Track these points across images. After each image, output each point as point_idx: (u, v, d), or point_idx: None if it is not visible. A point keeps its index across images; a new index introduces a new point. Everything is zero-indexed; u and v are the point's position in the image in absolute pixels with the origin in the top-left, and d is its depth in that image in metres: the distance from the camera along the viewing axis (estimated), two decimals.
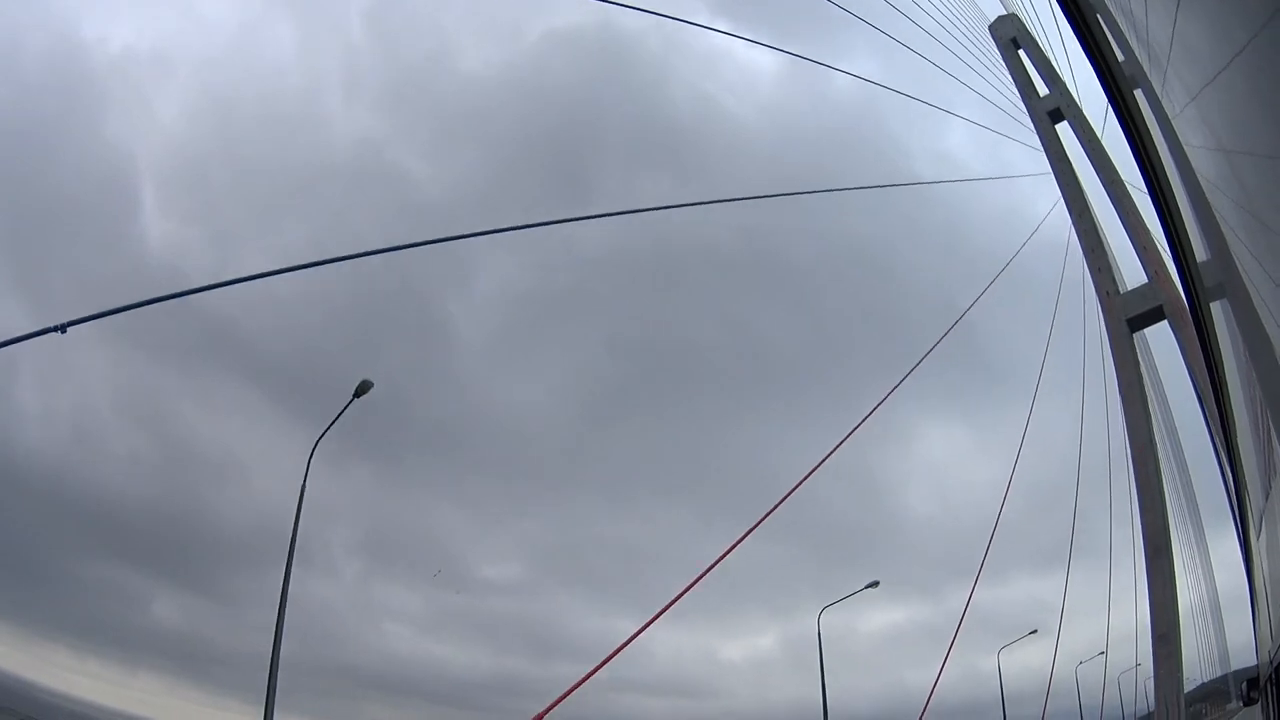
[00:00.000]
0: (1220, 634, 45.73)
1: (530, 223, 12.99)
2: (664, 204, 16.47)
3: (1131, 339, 22.42)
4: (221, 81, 62.67)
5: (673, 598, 12.12)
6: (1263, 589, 8.32)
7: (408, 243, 12.04)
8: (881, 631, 64.32)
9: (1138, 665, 39.57)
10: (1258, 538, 7.59)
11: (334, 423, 18.25)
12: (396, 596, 66.65)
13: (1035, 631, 39.65)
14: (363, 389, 17.97)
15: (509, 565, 63.01)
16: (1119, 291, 22.59)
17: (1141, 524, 32.47)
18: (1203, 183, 5.62)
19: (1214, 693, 50.26)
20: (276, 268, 11.17)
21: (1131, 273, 25.21)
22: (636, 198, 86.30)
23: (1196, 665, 46.65)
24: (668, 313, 72.43)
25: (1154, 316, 22.69)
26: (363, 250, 12.00)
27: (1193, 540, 40.38)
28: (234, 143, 62.06)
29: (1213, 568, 42.42)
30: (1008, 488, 23.03)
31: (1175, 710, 17.57)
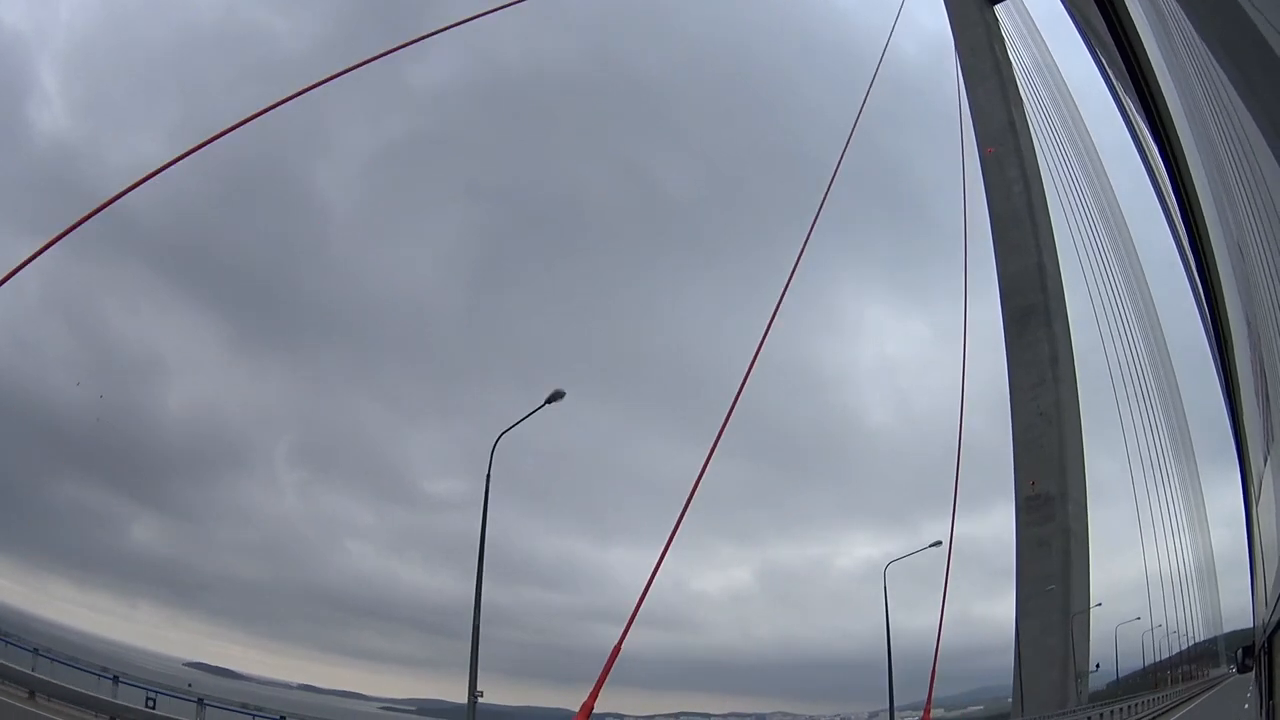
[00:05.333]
0: (1214, 595, 43.16)
1: None
2: None
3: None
4: None
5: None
6: (1260, 554, 7.01)
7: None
8: (859, 567, 61.05)
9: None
10: (1258, 502, 6.28)
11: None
12: (347, 510, 63.22)
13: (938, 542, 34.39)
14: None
15: (451, 481, 59.60)
16: None
17: (995, 257, 25.91)
18: None
19: (1204, 654, 49.53)
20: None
21: None
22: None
23: (1188, 624, 45.11)
24: (532, 152, 65.19)
25: None
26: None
27: (1184, 481, 35.93)
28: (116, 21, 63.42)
29: (1208, 524, 38.70)
30: None
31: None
